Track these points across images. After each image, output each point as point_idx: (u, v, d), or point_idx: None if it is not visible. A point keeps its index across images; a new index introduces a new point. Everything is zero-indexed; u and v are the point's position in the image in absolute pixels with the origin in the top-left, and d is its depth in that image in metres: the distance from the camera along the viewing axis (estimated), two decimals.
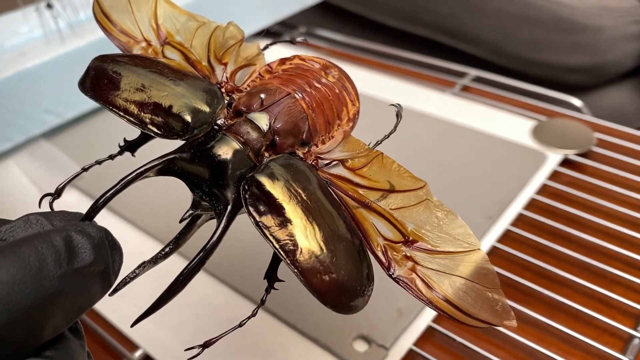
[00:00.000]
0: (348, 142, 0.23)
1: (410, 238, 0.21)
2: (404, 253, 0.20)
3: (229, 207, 0.20)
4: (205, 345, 0.22)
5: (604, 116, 0.51)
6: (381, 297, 0.33)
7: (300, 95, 0.23)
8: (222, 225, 0.20)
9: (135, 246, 0.38)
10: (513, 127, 0.48)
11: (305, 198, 0.20)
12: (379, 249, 0.20)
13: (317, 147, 0.23)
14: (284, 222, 0.19)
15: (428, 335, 0.32)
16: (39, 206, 0.22)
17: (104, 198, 0.19)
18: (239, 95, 0.24)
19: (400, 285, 0.20)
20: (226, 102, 0.23)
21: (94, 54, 0.24)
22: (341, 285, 0.19)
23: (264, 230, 0.19)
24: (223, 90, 0.24)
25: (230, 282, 0.35)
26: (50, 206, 0.22)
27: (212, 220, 0.22)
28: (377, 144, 0.25)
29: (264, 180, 0.20)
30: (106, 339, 0.33)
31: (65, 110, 0.50)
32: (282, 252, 0.19)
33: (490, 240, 0.37)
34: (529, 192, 0.41)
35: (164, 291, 0.20)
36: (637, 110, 0.95)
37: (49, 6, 0.51)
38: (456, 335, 0.32)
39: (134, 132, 0.23)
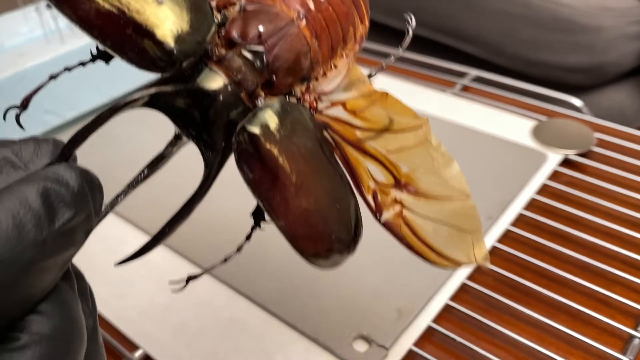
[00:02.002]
0: (351, 75, 0.21)
1: (403, 181, 0.20)
2: (393, 196, 0.20)
3: (218, 158, 0.19)
4: (189, 278, 0.21)
5: (604, 116, 0.51)
6: (381, 297, 0.33)
7: (304, 20, 0.20)
8: (211, 176, 0.19)
9: (135, 246, 0.38)
10: (513, 127, 0.48)
11: (299, 154, 0.19)
12: (370, 193, 0.20)
13: (317, 80, 0.21)
14: (275, 180, 0.18)
15: (428, 335, 0.32)
16: (4, 119, 0.20)
17: (83, 131, 0.16)
18: (232, 14, 0.20)
19: (386, 229, 0.20)
20: (217, 21, 0.20)
21: None
22: (328, 248, 0.19)
23: (254, 188, 0.18)
24: (214, 4, 0.20)
25: (231, 282, 0.35)
26: (17, 120, 0.20)
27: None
28: (381, 69, 0.23)
29: (257, 133, 0.18)
30: (106, 339, 0.33)
31: (65, 111, 0.50)
32: (270, 213, 0.18)
33: (490, 240, 0.37)
34: (529, 192, 0.41)
35: (149, 240, 0.19)
36: (637, 110, 0.95)
37: (49, 6, 0.51)
38: (456, 335, 0.32)
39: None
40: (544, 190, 0.42)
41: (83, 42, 0.50)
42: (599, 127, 0.48)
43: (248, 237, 0.22)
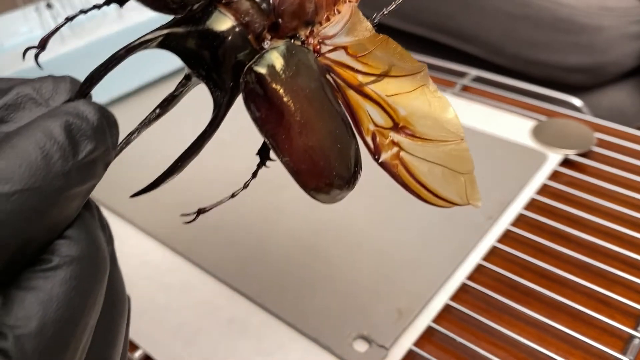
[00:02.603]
0: (353, 21, 0.22)
1: (401, 124, 0.21)
2: (391, 139, 0.21)
3: (227, 97, 0.20)
4: (200, 211, 0.23)
5: (604, 116, 0.51)
6: (381, 297, 0.33)
7: None
8: (220, 114, 0.20)
9: (135, 246, 0.38)
10: (513, 127, 0.48)
11: (303, 94, 0.20)
12: (369, 135, 0.21)
13: (321, 24, 0.22)
14: (280, 118, 0.19)
15: (428, 335, 0.32)
16: (23, 58, 0.21)
17: (99, 69, 0.18)
18: None
19: (383, 169, 0.21)
20: None
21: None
22: (329, 183, 0.21)
23: (260, 126, 0.20)
24: None
25: (230, 282, 0.35)
26: (36, 59, 0.21)
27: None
28: (383, 14, 0.24)
29: (264, 73, 0.19)
30: None
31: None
32: (275, 150, 0.20)
33: (490, 240, 0.37)
34: (529, 192, 0.41)
35: (162, 173, 0.20)
36: (637, 110, 0.95)
37: (49, 6, 0.51)
38: (456, 336, 0.32)
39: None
40: (544, 190, 0.42)
41: (83, 42, 0.50)
42: (599, 127, 0.48)
43: (254, 174, 0.23)
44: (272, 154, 0.22)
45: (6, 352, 0.13)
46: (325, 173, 0.21)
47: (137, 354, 0.32)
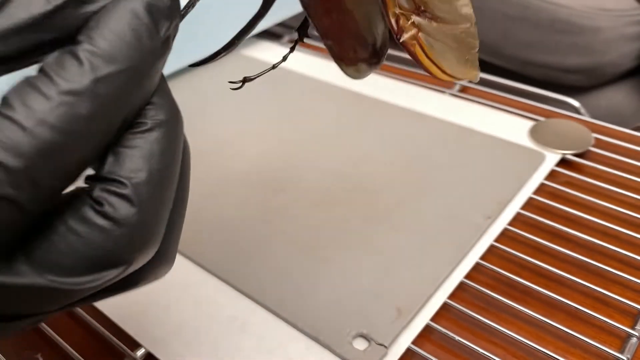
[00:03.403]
0: None
1: (422, 8, 0.24)
2: (412, 21, 0.23)
3: None
4: (245, 80, 0.25)
5: (602, 117, 0.52)
6: (380, 296, 0.34)
7: None
8: None
9: None
10: (511, 127, 0.48)
11: None
12: (394, 18, 0.23)
13: None
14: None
15: (426, 334, 0.32)
16: None
17: None
18: None
19: (403, 47, 0.24)
20: None
21: None
22: (360, 58, 0.24)
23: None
24: None
25: (231, 281, 0.35)
26: None
27: None
28: None
29: None
30: (108, 338, 0.33)
31: None
32: (315, 22, 0.23)
33: (488, 239, 0.38)
34: (527, 191, 0.41)
35: (221, 47, 0.23)
36: (634, 110, 0.95)
37: None
38: (454, 334, 0.32)
39: None
40: (541, 190, 0.42)
41: None
42: (596, 128, 0.48)
43: (292, 49, 0.26)
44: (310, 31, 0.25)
45: (128, 197, 0.17)
46: (357, 50, 0.24)
47: (139, 353, 0.32)
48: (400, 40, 0.24)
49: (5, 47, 0.17)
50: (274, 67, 0.26)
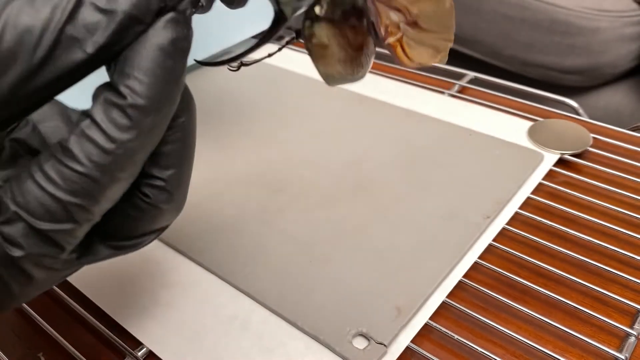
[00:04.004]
0: None
1: (409, 19, 0.25)
2: (399, 28, 0.25)
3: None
4: (242, 64, 0.26)
5: (600, 117, 0.52)
6: (380, 295, 0.34)
7: None
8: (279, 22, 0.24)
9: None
10: (510, 127, 0.49)
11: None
12: (383, 26, 0.25)
13: None
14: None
15: (426, 333, 0.33)
16: None
17: None
18: None
19: (387, 49, 0.26)
20: None
21: None
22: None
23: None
24: None
25: (232, 281, 0.35)
26: None
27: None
28: None
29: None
30: (109, 337, 0.33)
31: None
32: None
33: (487, 239, 0.38)
34: (525, 191, 0.42)
35: (232, 57, 0.25)
36: (632, 111, 0.95)
37: None
38: (453, 333, 0.32)
39: None
40: (540, 189, 0.42)
41: None
42: (594, 128, 0.49)
43: (288, 42, 0.27)
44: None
45: (165, 188, 0.22)
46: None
47: (141, 351, 0.32)
48: (385, 42, 0.26)
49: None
50: (269, 55, 0.28)
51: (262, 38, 0.24)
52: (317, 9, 0.24)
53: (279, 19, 0.23)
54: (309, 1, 0.23)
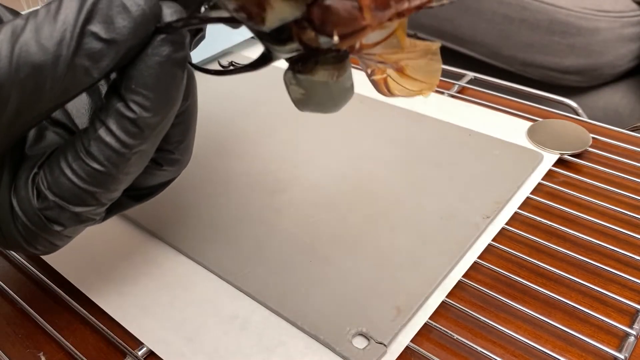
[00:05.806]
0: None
1: (396, 66, 0.26)
2: (386, 70, 0.26)
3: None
4: (231, 64, 0.28)
5: (600, 117, 0.52)
6: (380, 295, 0.34)
7: None
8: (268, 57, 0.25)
9: (138, 245, 0.39)
10: (509, 128, 0.49)
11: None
12: (370, 69, 0.26)
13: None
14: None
15: (425, 332, 0.33)
16: None
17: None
18: None
19: (371, 83, 0.27)
20: None
21: None
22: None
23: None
24: None
25: (232, 280, 0.35)
26: None
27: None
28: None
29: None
30: (110, 336, 0.33)
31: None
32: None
33: (486, 238, 0.38)
34: (525, 191, 0.42)
35: (236, 69, 0.26)
36: (632, 111, 0.95)
37: None
38: (453, 332, 0.32)
39: None
40: (539, 189, 0.42)
41: None
42: (594, 128, 0.49)
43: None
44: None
45: (176, 160, 0.28)
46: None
47: (141, 351, 0.32)
48: (370, 78, 0.27)
49: None
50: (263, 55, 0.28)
51: (245, 67, 0.25)
52: (299, 65, 0.25)
53: (266, 58, 0.25)
54: (298, 53, 0.24)
